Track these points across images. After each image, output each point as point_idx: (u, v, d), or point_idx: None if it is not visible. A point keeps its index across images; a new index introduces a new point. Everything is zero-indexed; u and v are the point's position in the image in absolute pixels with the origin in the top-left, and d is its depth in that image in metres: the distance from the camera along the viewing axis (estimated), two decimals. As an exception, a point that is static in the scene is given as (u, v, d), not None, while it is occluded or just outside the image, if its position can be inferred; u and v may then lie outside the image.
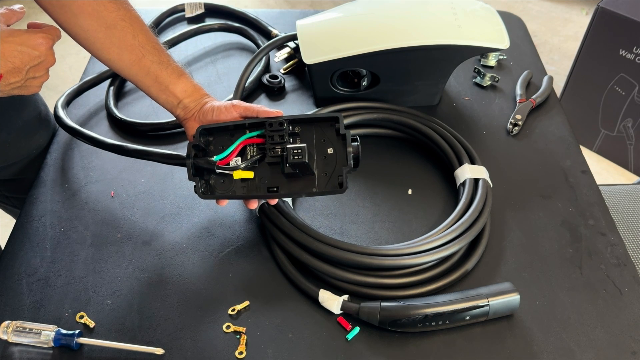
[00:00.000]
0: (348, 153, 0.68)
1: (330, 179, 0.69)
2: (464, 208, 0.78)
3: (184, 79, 0.75)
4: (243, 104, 0.73)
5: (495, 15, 0.92)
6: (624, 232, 1.08)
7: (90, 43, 0.72)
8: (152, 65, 0.73)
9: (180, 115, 0.76)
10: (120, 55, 0.73)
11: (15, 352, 0.66)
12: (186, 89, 0.75)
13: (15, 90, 0.67)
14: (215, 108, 0.73)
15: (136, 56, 0.73)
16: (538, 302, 0.72)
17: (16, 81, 0.66)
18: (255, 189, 0.71)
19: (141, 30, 0.73)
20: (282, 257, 0.74)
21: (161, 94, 0.75)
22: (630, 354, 0.68)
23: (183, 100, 0.75)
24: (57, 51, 0.69)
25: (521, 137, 0.95)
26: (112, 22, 0.71)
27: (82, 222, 0.80)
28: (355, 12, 0.92)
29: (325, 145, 0.70)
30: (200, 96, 0.76)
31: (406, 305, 0.67)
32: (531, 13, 2.62)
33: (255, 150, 0.71)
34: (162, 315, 0.70)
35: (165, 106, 0.77)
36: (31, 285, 0.73)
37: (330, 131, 0.70)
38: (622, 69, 1.72)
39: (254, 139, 0.71)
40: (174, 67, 0.75)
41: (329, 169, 0.70)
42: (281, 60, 1.04)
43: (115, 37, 0.71)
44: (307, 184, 0.70)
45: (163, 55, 0.75)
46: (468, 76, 1.05)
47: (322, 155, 0.70)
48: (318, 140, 0.70)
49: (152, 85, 0.75)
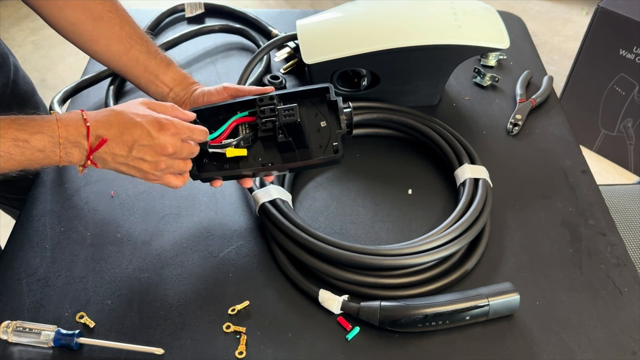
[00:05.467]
0: (340, 118, 0.68)
1: (325, 149, 0.69)
2: (464, 208, 0.78)
3: (173, 68, 0.76)
4: (233, 86, 0.73)
5: (495, 15, 0.92)
6: (624, 232, 1.08)
7: (78, 36, 0.72)
8: (141, 55, 0.74)
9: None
10: (108, 47, 0.73)
11: (15, 352, 0.66)
12: (176, 77, 0.75)
13: (123, 167, 0.64)
14: (206, 92, 0.74)
15: (124, 47, 0.73)
16: (538, 302, 0.72)
17: (121, 155, 0.62)
18: (250, 167, 0.71)
19: (127, 21, 0.74)
20: (282, 257, 0.74)
21: (151, 84, 0.75)
22: (630, 354, 0.68)
23: (174, 89, 0.75)
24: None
25: (521, 137, 0.95)
26: (99, 14, 0.71)
27: (82, 222, 0.80)
28: (355, 12, 0.92)
29: (318, 120, 0.70)
30: (190, 84, 0.76)
31: (406, 305, 0.67)
32: (531, 13, 2.62)
33: (247, 129, 0.72)
34: (162, 315, 0.70)
35: (155, 97, 0.77)
36: (31, 285, 0.73)
37: (322, 105, 0.71)
38: (622, 69, 1.72)
39: (245, 118, 0.71)
40: (162, 57, 0.76)
41: (323, 141, 0.70)
42: (281, 60, 1.04)
43: (102, 28, 0.71)
44: (302, 156, 0.70)
45: (151, 46, 0.75)
46: (468, 76, 1.05)
47: (315, 129, 0.70)
48: (310, 115, 0.71)
49: (141, 75, 0.75)
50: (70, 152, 0.60)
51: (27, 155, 0.58)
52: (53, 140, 0.59)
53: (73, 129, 0.60)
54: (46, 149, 0.59)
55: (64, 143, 0.59)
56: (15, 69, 0.93)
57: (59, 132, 0.59)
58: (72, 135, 0.60)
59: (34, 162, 0.59)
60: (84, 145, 0.61)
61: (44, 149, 0.59)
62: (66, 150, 0.60)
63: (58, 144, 0.59)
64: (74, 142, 0.60)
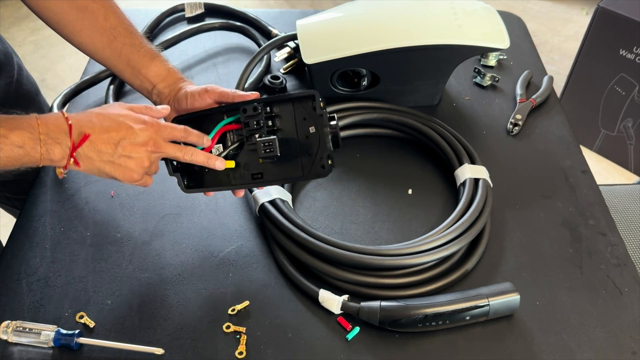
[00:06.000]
0: (325, 135, 0.66)
1: (314, 162, 0.68)
2: (464, 208, 0.78)
3: (157, 62, 0.73)
4: (218, 89, 0.71)
5: (495, 15, 0.92)
6: (624, 232, 1.08)
7: (62, 26, 0.71)
8: (124, 48, 0.72)
9: (156, 103, 0.74)
10: (92, 38, 0.71)
11: (15, 352, 0.66)
12: (159, 72, 0.73)
13: (107, 165, 0.63)
14: (189, 94, 0.71)
15: (107, 38, 0.71)
16: (538, 302, 0.72)
17: (107, 152, 0.62)
18: (240, 177, 0.71)
19: (113, 12, 0.72)
20: (282, 257, 0.74)
21: (134, 79, 0.74)
22: (630, 354, 0.68)
23: (157, 85, 0.73)
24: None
25: (521, 137, 0.95)
26: (83, 4, 0.69)
27: (82, 222, 0.80)
28: (355, 12, 0.92)
29: (307, 124, 0.68)
30: (175, 80, 0.74)
31: (406, 305, 0.67)
32: (531, 13, 2.62)
33: (234, 137, 0.70)
34: (162, 315, 0.70)
35: (141, 92, 0.75)
36: (31, 285, 0.73)
37: (310, 108, 0.68)
38: (622, 69, 1.72)
39: (232, 125, 0.70)
40: (146, 50, 0.73)
41: (313, 150, 0.68)
42: (281, 60, 1.04)
43: (86, 19, 0.70)
44: (291, 167, 0.69)
45: (135, 38, 0.73)
46: (468, 76, 1.05)
47: (304, 135, 0.68)
48: (299, 119, 0.68)
49: (124, 69, 0.73)
50: (51, 148, 0.59)
51: (5, 152, 0.57)
52: (33, 136, 0.58)
53: (54, 126, 0.59)
54: (26, 144, 0.57)
55: (44, 139, 0.58)
56: (19, 69, 0.93)
57: (39, 128, 0.58)
58: (53, 131, 0.59)
59: (13, 159, 0.58)
60: (66, 142, 0.59)
61: (23, 145, 0.57)
62: (47, 147, 0.59)
63: (38, 139, 0.58)
64: (54, 138, 0.59)
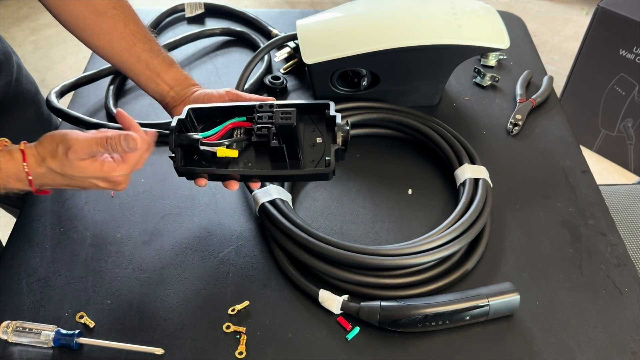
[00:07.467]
0: (337, 133, 0.67)
1: (317, 164, 0.69)
2: (464, 208, 0.78)
3: (175, 68, 0.76)
4: (235, 92, 0.73)
5: (495, 15, 0.92)
6: (624, 232, 1.08)
7: (80, 29, 0.72)
8: (143, 53, 0.74)
9: (169, 103, 0.76)
10: (110, 42, 0.73)
11: (15, 352, 0.66)
12: (177, 77, 0.75)
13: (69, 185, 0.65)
14: (207, 93, 0.74)
15: (127, 43, 0.73)
16: (538, 302, 0.72)
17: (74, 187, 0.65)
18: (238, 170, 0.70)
19: (132, 18, 0.74)
20: (282, 257, 0.74)
21: (150, 82, 0.75)
22: (630, 354, 0.68)
23: (174, 87, 0.75)
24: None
25: (521, 137, 0.95)
26: (102, 10, 0.71)
27: (82, 222, 0.80)
28: (355, 12, 0.92)
29: (314, 135, 0.70)
30: (191, 85, 0.76)
31: (406, 305, 0.67)
32: (531, 13, 2.62)
33: (242, 133, 0.71)
34: (162, 315, 0.70)
35: (154, 95, 0.77)
36: (31, 285, 0.73)
37: (320, 123, 0.70)
38: (622, 69, 1.72)
39: (242, 123, 0.71)
40: (164, 56, 0.76)
41: (317, 156, 0.69)
42: (281, 60, 1.04)
43: (105, 24, 0.72)
44: (292, 167, 0.69)
45: (154, 44, 0.75)
46: (468, 76, 1.05)
47: (310, 144, 0.69)
48: (307, 130, 0.70)
49: (142, 72, 0.75)
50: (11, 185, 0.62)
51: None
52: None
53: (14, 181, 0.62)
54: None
55: (5, 178, 0.61)
56: (19, 68, 0.93)
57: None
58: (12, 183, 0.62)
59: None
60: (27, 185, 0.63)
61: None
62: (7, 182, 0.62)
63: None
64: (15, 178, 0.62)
